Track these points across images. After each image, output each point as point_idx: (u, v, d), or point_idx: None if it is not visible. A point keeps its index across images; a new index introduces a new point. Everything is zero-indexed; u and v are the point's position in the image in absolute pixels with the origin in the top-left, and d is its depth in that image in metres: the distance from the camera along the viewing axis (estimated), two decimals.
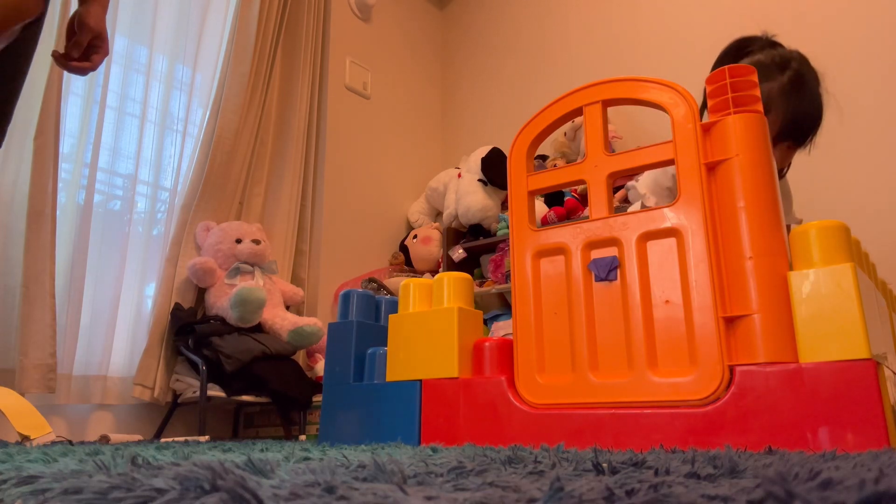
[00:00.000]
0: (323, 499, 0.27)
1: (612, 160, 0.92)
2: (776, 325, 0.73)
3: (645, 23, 2.57)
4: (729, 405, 0.73)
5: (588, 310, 0.87)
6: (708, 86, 0.87)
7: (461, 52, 3.19)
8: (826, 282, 0.71)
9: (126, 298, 1.84)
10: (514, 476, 0.38)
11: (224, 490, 0.26)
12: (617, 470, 0.41)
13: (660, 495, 0.27)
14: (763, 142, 0.81)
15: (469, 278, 1.02)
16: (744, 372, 0.73)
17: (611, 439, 0.79)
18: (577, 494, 0.26)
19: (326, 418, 1.09)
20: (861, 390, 0.66)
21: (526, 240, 0.96)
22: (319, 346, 2.03)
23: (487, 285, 2.30)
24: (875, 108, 2.00)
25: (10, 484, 0.34)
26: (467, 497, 0.27)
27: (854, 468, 0.40)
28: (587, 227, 0.91)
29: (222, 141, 2.10)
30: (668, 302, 0.82)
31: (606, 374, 0.84)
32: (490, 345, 0.95)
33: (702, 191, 0.82)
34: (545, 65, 2.84)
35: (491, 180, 2.39)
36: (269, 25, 2.28)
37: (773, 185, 0.80)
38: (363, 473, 0.36)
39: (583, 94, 0.97)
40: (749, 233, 0.77)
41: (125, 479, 0.30)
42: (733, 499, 0.26)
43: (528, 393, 0.88)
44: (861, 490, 0.24)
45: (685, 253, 0.81)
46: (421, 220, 2.72)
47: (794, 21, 2.20)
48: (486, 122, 2.98)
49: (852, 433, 0.65)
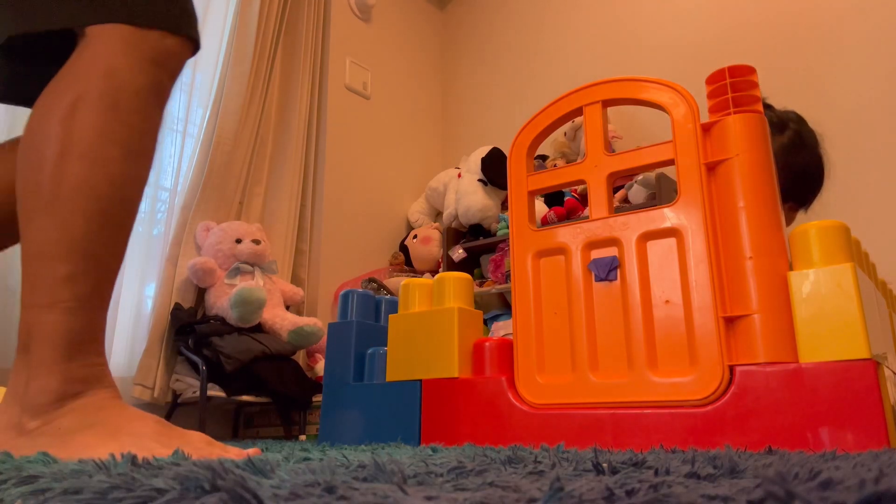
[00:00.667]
0: (323, 499, 0.27)
1: (612, 160, 0.92)
2: (776, 325, 0.73)
3: (645, 23, 2.57)
4: (729, 405, 0.73)
5: (588, 310, 0.87)
6: (708, 86, 0.87)
7: (461, 53, 3.19)
8: (826, 282, 0.71)
9: (126, 298, 1.84)
10: (514, 476, 0.38)
11: (224, 490, 0.26)
12: (617, 470, 0.41)
13: (660, 495, 0.27)
14: (763, 142, 0.81)
15: (469, 278, 1.02)
16: (744, 372, 0.73)
17: (611, 439, 0.79)
18: (577, 494, 0.26)
19: (326, 418, 1.09)
20: (861, 390, 0.66)
21: (526, 240, 0.96)
22: (319, 346, 2.03)
23: (487, 285, 2.30)
24: (875, 108, 2.00)
25: (10, 484, 0.34)
26: (467, 497, 0.27)
27: (854, 468, 0.40)
28: (587, 227, 0.91)
29: (222, 141, 2.10)
30: (668, 302, 0.82)
31: (606, 374, 0.84)
32: (490, 345, 0.95)
33: (702, 191, 0.82)
34: (545, 65, 2.84)
35: (491, 180, 2.39)
36: (269, 25, 2.28)
37: (773, 185, 0.80)
38: (363, 473, 0.36)
39: (583, 94, 0.97)
40: (749, 233, 0.77)
41: (125, 479, 0.30)
42: (733, 499, 0.26)
43: (528, 393, 0.88)
44: (861, 490, 0.24)
45: (685, 253, 0.81)
46: (421, 220, 2.72)
47: (794, 20, 2.20)
48: (486, 122, 2.98)
49: (852, 433, 0.65)
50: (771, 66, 2.03)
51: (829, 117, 2.08)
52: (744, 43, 2.28)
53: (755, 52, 2.20)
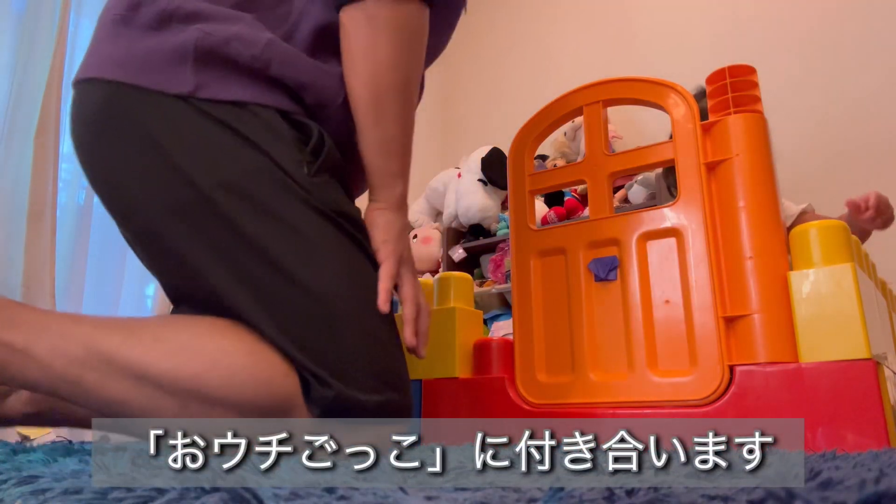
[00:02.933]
0: (323, 499, 0.27)
1: (612, 160, 0.92)
2: (776, 325, 0.73)
3: (645, 23, 2.57)
4: (729, 405, 0.73)
5: (588, 310, 0.87)
6: (708, 86, 0.87)
7: (461, 53, 3.19)
8: (826, 282, 0.71)
9: (126, 298, 1.84)
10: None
11: (224, 490, 0.26)
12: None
13: (660, 495, 0.27)
14: (763, 142, 0.81)
15: (469, 278, 1.02)
16: (744, 372, 0.73)
17: (611, 439, 0.79)
18: (577, 494, 0.26)
19: None
20: (861, 390, 0.66)
21: (526, 240, 0.96)
22: None
23: (487, 285, 2.30)
24: (875, 108, 2.00)
25: (10, 484, 0.34)
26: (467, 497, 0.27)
27: (854, 468, 0.40)
28: (587, 227, 0.91)
29: None
30: (668, 302, 0.82)
31: (606, 373, 0.84)
32: (490, 345, 0.95)
33: (702, 191, 0.82)
34: (545, 64, 2.84)
35: (491, 180, 2.39)
36: None
37: (773, 185, 0.80)
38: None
39: (583, 94, 0.96)
40: (749, 233, 0.77)
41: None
42: (733, 499, 0.26)
43: (528, 393, 0.88)
44: (861, 490, 0.24)
45: (685, 253, 0.81)
46: (421, 220, 2.72)
47: (794, 20, 2.20)
48: (486, 122, 2.98)
49: (852, 433, 0.65)
50: (771, 66, 2.03)
51: (829, 117, 2.09)
52: (744, 43, 2.28)
53: (755, 52, 2.20)
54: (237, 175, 0.62)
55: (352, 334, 0.62)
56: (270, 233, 0.62)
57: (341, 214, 0.66)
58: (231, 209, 0.61)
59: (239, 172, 0.62)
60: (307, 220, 0.63)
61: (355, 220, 0.68)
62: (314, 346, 0.60)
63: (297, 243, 0.62)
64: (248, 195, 0.62)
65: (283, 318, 0.60)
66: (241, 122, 0.63)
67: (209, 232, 0.62)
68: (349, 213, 0.67)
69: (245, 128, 0.63)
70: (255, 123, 0.64)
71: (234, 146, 0.63)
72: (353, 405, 0.60)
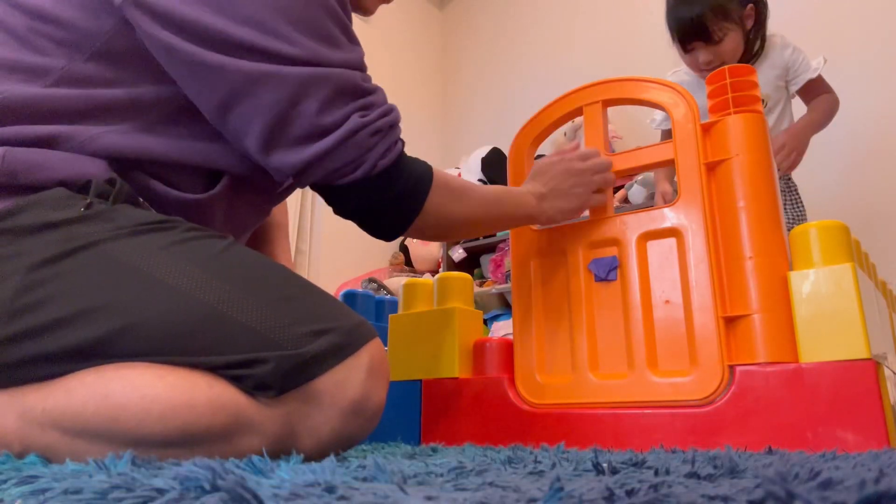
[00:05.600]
0: (323, 499, 0.27)
1: (612, 160, 0.92)
2: (776, 325, 0.73)
3: (645, 23, 2.57)
4: (729, 405, 0.73)
5: (588, 310, 0.87)
6: (708, 86, 0.87)
7: (461, 53, 3.19)
8: (826, 282, 0.71)
9: None
10: (514, 476, 0.38)
11: (224, 490, 0.26)
12: (617, 470, 0.41)
13: (660, 495, 0.27)
14: (763, 142, 0.81)
15: (469, 278, 1.02)
16: (744, 372, 0.73)
17: (611, 439, 0.79)
18: (577, 494, 0.26)
19: None
20: (861, 390, 0.66)
21: (526, 240, 0.96)
22: None
23: (487, 285, 2.30)
24: (875, 108, 2.00)
25: (10, 484, 0.34)
26: (467, 497, 0.27)
27: (854, 468, 0.40)
28: (587, 227, 0.91)
29: None
30: (668, 302, 0.82)
31: (606, 373, 0.84)
32: (490, 345, 0.95)
33: (702, 191, 0.82)
34: (545, 64, 2.84)
35: (491, 180, 2.39)
36: None
37: (773, 184, 0.80)
38: (363, 473, 0.36)
39: (583, 94, 0.97)
40: (749, 233, 0.77)
41: (125, 479, 0.30)
42: (733, 499, 0.26)
43: (528, 393, 0.88)
44: (861, 490, 0.24)
45: (685, 253, 0.81)
46: None
47: (793, 20, 2.20)
48: (486, 122, 2.98)
49: (852, 433, 0.65)
50: None
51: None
52: None
53: None
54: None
55: (231, 310, 0.56)
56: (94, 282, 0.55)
57: (145, 225, 0.60)
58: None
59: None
60: (114, 251, 0.57)
61: (162, 221, 0.61)
62: (207, 342, 0.55)
63: (120, 275, 0.56)
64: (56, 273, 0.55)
65: (161, 336, 0.55)
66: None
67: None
68: (154, 220, 0.61)
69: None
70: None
71: None
72: (302, 362, 0.55)
